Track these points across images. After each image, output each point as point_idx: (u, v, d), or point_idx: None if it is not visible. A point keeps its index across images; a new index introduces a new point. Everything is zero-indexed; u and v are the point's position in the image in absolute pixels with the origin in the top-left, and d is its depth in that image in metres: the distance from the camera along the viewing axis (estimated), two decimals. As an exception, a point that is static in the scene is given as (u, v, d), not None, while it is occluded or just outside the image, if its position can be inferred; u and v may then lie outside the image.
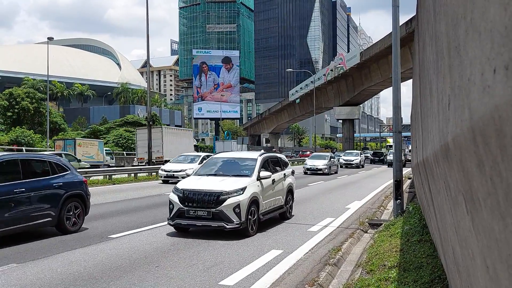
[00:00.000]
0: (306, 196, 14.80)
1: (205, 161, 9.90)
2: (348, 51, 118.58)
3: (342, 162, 36.56)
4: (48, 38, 39.77)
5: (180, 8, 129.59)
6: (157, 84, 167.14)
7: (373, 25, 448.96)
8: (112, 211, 11.14)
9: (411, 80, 10.94)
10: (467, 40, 1.30)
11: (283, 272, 5.75)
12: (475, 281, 1.60)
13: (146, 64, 34.30)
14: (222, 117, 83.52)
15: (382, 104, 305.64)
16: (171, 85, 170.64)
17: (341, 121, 69.17)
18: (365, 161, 42.29)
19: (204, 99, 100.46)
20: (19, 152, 36.02)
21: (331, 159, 28.74)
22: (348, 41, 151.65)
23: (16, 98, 46.30)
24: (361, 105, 66.33)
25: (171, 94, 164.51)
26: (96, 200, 13.41)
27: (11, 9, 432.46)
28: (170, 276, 5.53)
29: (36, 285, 5.13)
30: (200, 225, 7.74)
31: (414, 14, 6.84)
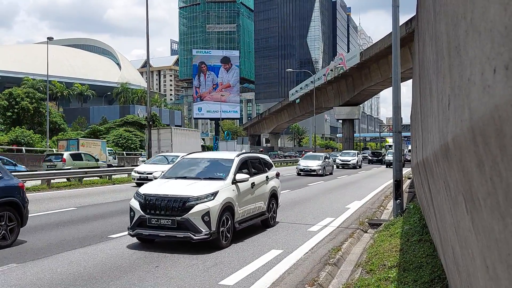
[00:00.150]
0: (306, 196, 14.81)
1: (175, 162, 8.93)
2: (348, 51, 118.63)
3: (339, 162, 35.74)
4: (48, 38, 39.83)
5: (180, 8, 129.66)
6: (157, 84, 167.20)
7: (373, 25, 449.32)
8: (112, 211, 11.15)
9: (411, 80, 10.95)
10: (467, 40, 1.30)
11: (283, 272, 5.75)
12: (475, 281, 1.60)
13: (146, 64, 34.39)
14: (222, 117, 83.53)
15: (382, 104, 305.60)
16: (171, 85, 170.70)
17: (341, 121, 69.25)
18: (363, 161, 41.99)
19: (203, 99, 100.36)
20: (19, 152, 36.05)
21: (326, 159, 27.34)
22: (348, 41, 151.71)
23: (15, 98, 46.29)
24: (361, 105, 66.39)
25: (171, 94, 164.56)
26: (96, 200, 13.47)
27: (10, 9, 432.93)
28: (170, 276, 5.53)
29: (36, 285, 5.13)
30: (164, 236, 6.84)
31: (414, 14, 6.84)
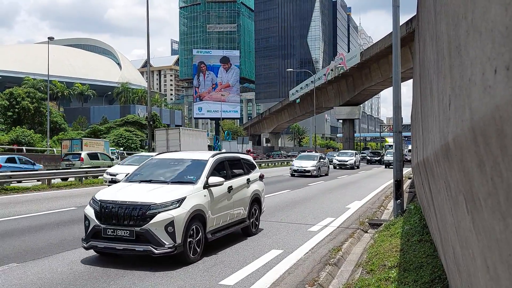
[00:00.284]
0: (306, 196, 14.81)
1: (142, 163, 7.94)
2: (349, 51, 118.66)
3: (336, 162, 34.98)
4: (49, 38, 39.89)
5: (181, 8, 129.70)
6: (157, 84, 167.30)
7: (374, 25, 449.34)
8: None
9: (411, 80, 10.94)
10: (468, 40, 1.30)
11: (283, 272, 5.75)
12: (476, 281, 1.60)
13: (147, 64, 34.54)
14: (222, 117, 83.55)
15: (382, 104, 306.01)
16: (171, 85, 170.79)
17: (341, 121, 69.20)
18: (362, 162, 41.46)
19: (202, 99, 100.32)
20: (20, 152, 36.05)
21: (321, 159, 26.33)
22: (349, 41, 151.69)
23: (16, 97, 46.31)
24: (361, 105, 66.38)
25: (171, 94, 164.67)
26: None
27: (11, 9, 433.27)
28: (170, 276, 5.53)
29: (36, 285, 5.14)
30: (121, 249, 5.90)
31: (415, 14, 6.84)
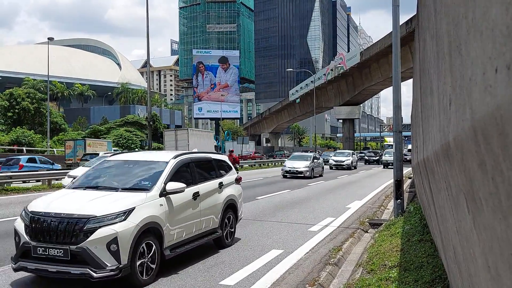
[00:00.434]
0: (306, 196, 14.81)
1: (93, 166, 6.93)
2: (348, 50, 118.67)
3: (332, 163, 34.11)
4: (49, 38, 39.87)
5: (180, 8, 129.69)
6: (157, 84, 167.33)
7: (373, 24, 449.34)
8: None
9: (411, 80, 10.94)
10: (469, 39, 1.30)
11: (284, 272, 5.75)
12: (477, 281, 1.60)
13: (146, 64, 34.71)
14: (222, 117, 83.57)
15: (382, 104, 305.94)
16: (171, 85, 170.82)
17: (341, 120, 69.17)
18: (360, 161, 40.81)
19: (201, 99, 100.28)
20: (20, 152, 36.07)
21: (315, 160, 25.22)
22: (348, 41, 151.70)
23: (16, 98, 46.33)
24: (361, 105, 66.35)
25: (171, 94, 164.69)
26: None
27: (11, 10, 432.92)
28: (170, 275, 5.53)
29: (36, 283, 5.13)
30: (55, 272, 4.80)
31: (415, 13, 6.84)
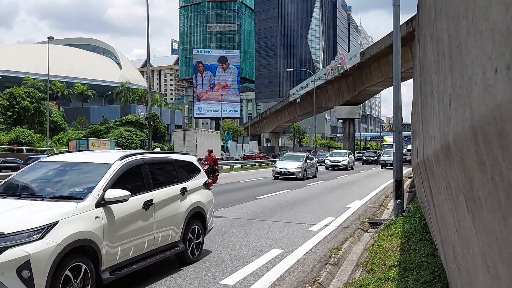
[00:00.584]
0: (306, 196, 14.81)
1: (23, 169, 5.65)
2: (349, 50, 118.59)
3: (328, 163, 33.29)
4: (48, 37, 39.86)
5: (181, 7, 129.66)
6: (157, 83, 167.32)
7: (374, 24, 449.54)
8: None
9: (411, 80, 10.93)
10: (469, 39, 1.30)
11: (284, 272, 5.75)
12: (476, 280, 1.60)
13: (146, 63, 34.91)
14: (222, 116, 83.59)
15: (382, 104, 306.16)
16: (171, 84, 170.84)
17: (341, 120, 69.15)
18: (357, 162, 40.54)
19: (200, 99, 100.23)
20: (20, 151, 36.05)
21: (308, 160, 23.86)
22: (349, 41, 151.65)
23: (16, 97, 46.34)
24: (361, 105, 66.34)
25: (171, 94, 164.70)
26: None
27: (11, 9, 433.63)
28: (171, 275, 5.53)
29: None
30: None
31: (415, 13, 6.84)
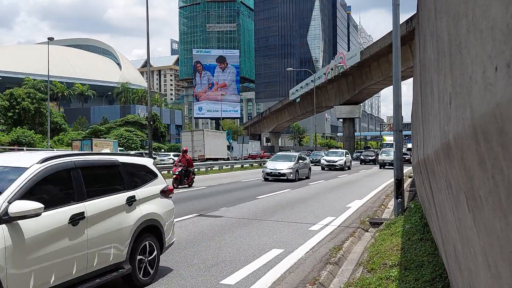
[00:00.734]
0: (306, 195, 14.81)
1: None
2: (349, 50, 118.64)
3: (324, 163, 32.28)
4: (49, 38, 39.87)
5: (180, 7, 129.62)
6: (157, 83, 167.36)
7: (374, 23, 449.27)
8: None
9: (411, 79, 10.93)
10: (469, 38, 1.30)
11: (284, 271, 5.75)
12: (477, 279, 1.60)
13: (146, 63, 35.01)
14: (222, 116, 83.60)
15: (382, 103, 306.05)
16: (171, 84, 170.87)
17: (341, 120, 69.20)
18: (355, 161, 39.98)
19: (199, 99, 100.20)
20: (20, 152, 36.06)
21: (300, 160, 22.36)
22: (349, 40, 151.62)
23: (16, 98, 46.36)
24: (361, 104, 66.41)
25: (171, 94, 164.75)
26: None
27: (11, 10, 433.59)
28: (171, 275, 5.53)
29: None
30: None
31: (415, 12, 6.83)
